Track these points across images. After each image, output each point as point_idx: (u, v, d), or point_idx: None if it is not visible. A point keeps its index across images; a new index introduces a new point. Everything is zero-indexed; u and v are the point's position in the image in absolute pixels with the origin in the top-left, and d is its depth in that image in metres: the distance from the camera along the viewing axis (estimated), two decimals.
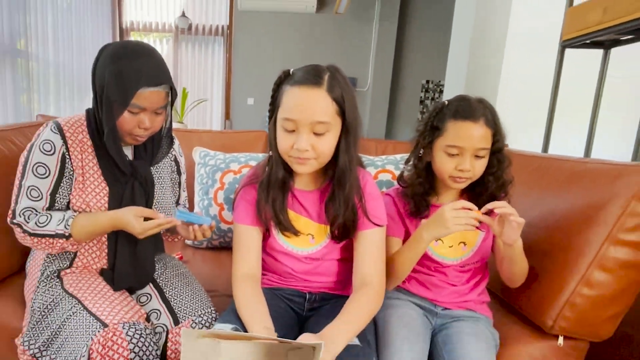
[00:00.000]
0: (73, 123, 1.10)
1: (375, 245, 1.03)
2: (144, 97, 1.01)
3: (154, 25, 5.83)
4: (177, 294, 1.17)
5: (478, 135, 1.01)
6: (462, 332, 1.04)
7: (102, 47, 1.05)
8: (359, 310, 0.95)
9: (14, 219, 1.04)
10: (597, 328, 1.06)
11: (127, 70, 0.98)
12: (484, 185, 1.09)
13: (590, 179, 1.15)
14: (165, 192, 1.23)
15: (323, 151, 0.94)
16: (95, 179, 1.10)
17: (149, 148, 1.18)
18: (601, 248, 1.01)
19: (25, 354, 1.01)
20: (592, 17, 2.01)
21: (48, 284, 1.08)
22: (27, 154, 1.06)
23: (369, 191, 1.05)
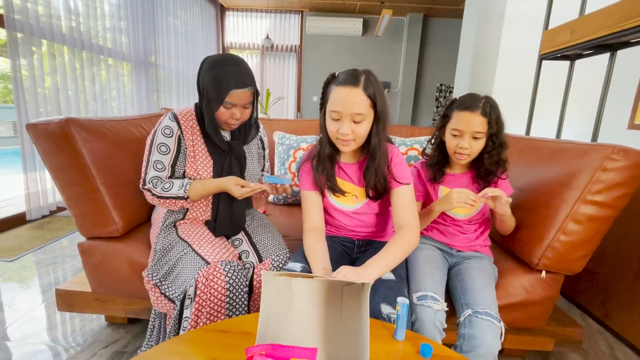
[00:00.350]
0: (185, 113, 1.05)
1: (407, 197, 0.96)
2: (235, 96, 0.95)
3: (247, 44, 5.78)
4: (261, 239, 1.11)
5: (474, 122, 0.97)
6: (469, 267, 1.01)
7: (204, 58, 1.00)
8: (394, 248, 0.88)
9: (144, 186, 1.01)
10: (571, 265, 1.00)
11: (221, 76, 0.93)
12: (482, 161, 1.03)
13: (564, 155, 1.07)
14: (254, 163, 1.16)
15: (360, 134, 0.89)
16: (203, 154, 1.04)
17: (242, 132, 1.11)
18: (574, 206, 0.95)
19: (149, 284, 0.98)
20: (562, 37, 1.94)
21: (167, 231, 1.04)
22: (152, 137, 1.02)
23: (396, 160, 0.98)
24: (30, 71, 2.28)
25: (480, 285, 0.93)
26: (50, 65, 2.45)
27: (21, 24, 2.21)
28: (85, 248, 1.13)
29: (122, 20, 3.22)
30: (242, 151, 1.10)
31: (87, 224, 1.11)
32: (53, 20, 2.44)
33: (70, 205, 1.09)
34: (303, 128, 1.80)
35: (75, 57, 2.66)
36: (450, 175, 1.10)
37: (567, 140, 1.13)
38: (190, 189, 1.00)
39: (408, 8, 5.17)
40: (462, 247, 1.09)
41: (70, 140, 1.03)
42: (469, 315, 0.86)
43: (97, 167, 1.08)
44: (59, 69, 2.51)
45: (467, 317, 0.85)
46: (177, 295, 0.92)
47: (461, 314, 0.88)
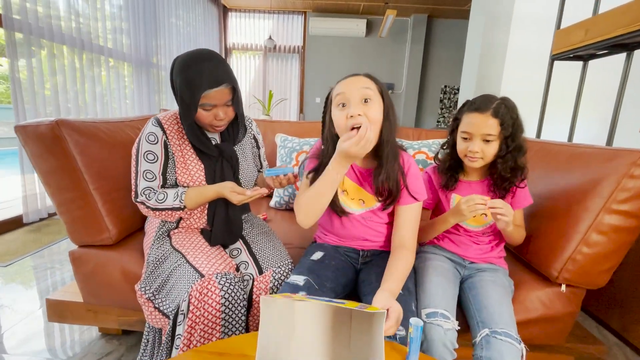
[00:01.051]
0: (169, 117, 0.97)
1: (413, 216, 0.90)
2: (211, 96, 0.86)
3: (249, 45, 5.74)
4: (261, 249, 1.03)
5: (483, 123, 0.90)
6: (483, 280, 0.94)
7: (175, 58, 0.90)
8: (404, 269, 0.83)
9: (137, 198, 0.93)
10: (594, 279, 0.93)
11: (193, 77, 0.84)
12: (495, 167, 0.95)
13: (585, 160, 1.00)
14: (248, 164, 1.09)
15: (372, 116, 0.80)
16: (193, 160, 0.97)
17: (230, 132, 1.02)
18: (598, 215, 0.88)
19: (142, 298, 0.92)
20: (575, 37, 1.86)
21: (160, 241, 0.98)
22: (137, 145, 0.94)
23: (412, 172, 0.92)
24: (29, 72, 2.24)
25: (496, 301, 0.86)
26: (50, 65, 2.41)
27: (20, 23, 2.17)
28: (76, 256, 1.07)
29: (124, 21, 3.18)
30: (234, 153, 1.02)
31: (78, 231, 1.05)
32: (53, 20, 2.40)
33: (61, 211, 1.03)
34: (306, 130, 1.74)
35: (75, 57, 2.62)
36: (465, 183, 1.03)
37: (587, 145, 1.06)
38: (186, 198, 0.93)
39: (412, 9, 5.11)
40: (476, 259, 1.02)
41: (61, 143, 0.98)
42: (486, 336, 0.79)
43: (90, 172, 1.02)
44: (58, 69, 2.47)
45: (484, 338, 0.78)
46: (171, 310, 0.86)
47: (477, 334, 0.81)
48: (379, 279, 0.82)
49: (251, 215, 1.20)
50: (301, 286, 0.83)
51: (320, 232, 1.07)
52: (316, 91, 5.78)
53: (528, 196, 0.99)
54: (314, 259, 0.95)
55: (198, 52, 0.88)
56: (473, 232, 1.02)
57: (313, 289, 0.83)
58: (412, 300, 0.84)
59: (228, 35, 5.68)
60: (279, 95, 5.65)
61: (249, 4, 5.40)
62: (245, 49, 5.72)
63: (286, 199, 1.55)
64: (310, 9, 5.45)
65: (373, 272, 0.90)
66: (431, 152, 1.47)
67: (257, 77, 5.77)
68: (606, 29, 1.64)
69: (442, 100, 5.68)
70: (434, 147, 1.49)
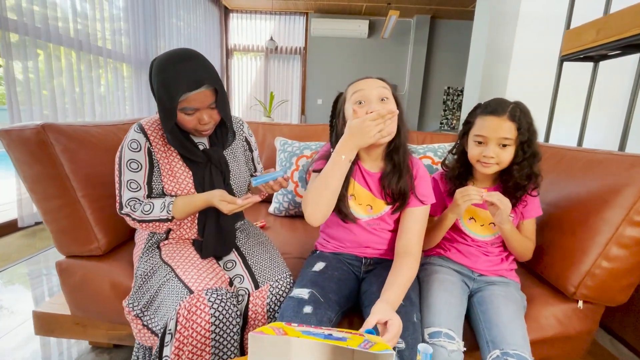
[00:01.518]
0: (153, 122, 0.91)
1: (420, 220, 0.87)
2: (191, 99, 0.79)
3: (250, 46, 5.68)
4: (257, 261, 0.96)
5: (500, 127, 0.85)
6: (494, 294, 0.88)
7: (152, 61, 0.83)
8: (405, 278, 0.79)
9: (122, 210, 0.86)
10: (614, 295, 0.87)
11: (169, 80, 0.78)
12: (511, 173, 0.89)
13: (603, 167, 0.94)
14: (240, 168, 1.02)
15: (390, 109, 0.78)
16: (180, 167, 0.90)
17: (219, 136, 0.96)
18: (619, 227, 0.82)
19: (130, 314, 0.86)
20: (587, 37, 1.79)
21: (149, 254, 0.92)
22: (120, 154, 0.87)
23: (421, 175, 0.90)
24: (25, 73, 2.20)
25: (507, 319, 0.80)
26: (47, 67, 2.36)
27: (15, 24, 2.13)
28: (63, 267, 1.01)
29: (123, 22, 3.14)
30: (222, 158, 0.95)
31: (65, 241, 1.00)
32: (50, 21, 2.36)
33: (47, 220, 0.98)
34: (307, 134, 1.67)
35: (73, 58, 2.57)
36: None
37: (604, 151, 1.00)
38: (174, 208, 0.86)
39: (415, 9, 5.06)
40: (485, 271, 0.96)
41: (47, 148, 0.92)
42: (496, 358, 0.73)
43: (78, 178, 0.97)
44: (55, 70, 2.42)
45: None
46: (159, 328, 0.80)
47: (487, 355, 0.76)
48: (380, 289, 0.78)
49: (247, 223, 1.14)
50: (306, 299, 0.79)
51: (322, 238, 1.03)
52: (318, 93, 5.73)
53: (537, 206, 0.94)
54: (316, 270, 0.90)
55: (175, 52, 0.81)
56: (482, 242, 0.97)
57: (318, 301, 0.79)
58: (414, 312, 0.80)
59: (229, 37, 5.64)
60: (280, 97, 5.60)
61: (250, 4, 5.36)
62: (247, 50, 5.67)
63: (286, 205, 1.49)
64: (312, 10, 5.41)
65: (375, 283, 0.86)
66: (437, 157, 1.41)
67: (259, 78, 5.72)
68: (620, 28, 1.57)
69: (446, 102, 5.62)
70: (440, 151, 1.43)
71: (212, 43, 5.13)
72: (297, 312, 0.76)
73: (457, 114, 5.56)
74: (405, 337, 0.72)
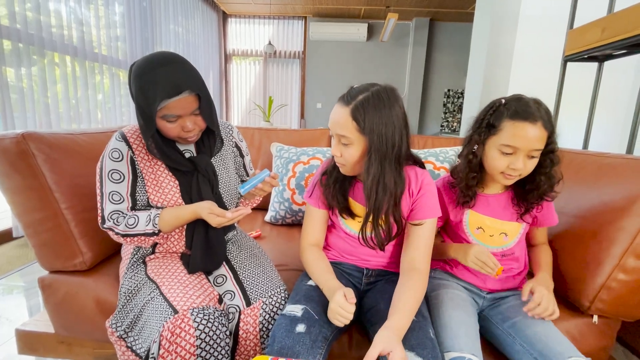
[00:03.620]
0: (135, 130, 0.86)
1: (426, 234, 0.81)
2: (172, 106, 0.74)
3: (249, 51, 5.65)
4: (249, 275, 0.90)
5: (534, 137, 0.74)
6: (513, 307, 0.81)
7: (132, 64, 0.78)
8: (413, 299, 0.73)
9: (104, 224, 0.81)
10: (632, 309, 0.81)
11: (148, 86, 0.72)
12: (535, 183, 0.81)
13: (617, 172, 0.89)
14: (230, 176, 0.96)
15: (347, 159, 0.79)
16: (166, 176, 0.85)
17: (206, 142, 0.91)
18: (636, 237, 0.77)
19: (113, 335, 0.80)
20: (591, 36, 1.74)
21: (134, 269, 0.86)
22: (101, 164, 0.82)
23: (426, 188, 0.82)
24: (18, 80, 2.16)
25: (546, 327, 0.73)
26: (41, 74, 2.33)
27: (8, 30, 2.09)
28: (46, 283, 0.96)
29: (120, 28, 3.11)
30: (210, 166, 0.89)
31: (48, 256, 0.95)
32: (44, 27, 2.32)
33: (29, 234, 0.93)
34: (304, 139, 1.62)
35: (68, 65, 2.54)
36: (483, 197, 0.89)
37: (617, 154, 0.94)
38: (161, 221, 0.81)
39: (414, 12, 5.03)
40: (495, 288, 0.89)
41: (28, 159, 0.87)
42: None
43: (62, 189, 0.92)
44: (50, 77, 2.39)
45: None
46: (143, 350, 0.74)
47: None
48: (388, 306, 0.73)
49: (239, 233, 1.08)
50: (299, 317, 0.73)
51: (323, 248, 0.98)
52: (317, 97, 5.69)
53: (554, 213, 0.87)
54: (311, 284, 0.85)
55: (155, 55, 0.76)
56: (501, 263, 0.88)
57: (312, 319, 0.73)
58: (428, 326, 0.74)
59: (228, 42, 5.61)
60: (279, 102, 5.56)
61: (248, 9, 5.34)
62: (246, 55, 5.65)
63: (282, 213, 1.43)
64: (311, 14, 5.38)
65: (381, 300, 0.81)
66: (438, 162, 1.35)
67: (258, 83, 5.69)
68: (626, 27, 1.52)
69: (446, 104, 5.57)
70: (442, 156, 1.37)
71: (210, 48, 5.10)
72: (289, 331, 0.70)
73: (458, 116, 5.50)
74: (425, 355, 0.66)
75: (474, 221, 0.89)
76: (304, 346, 0.67)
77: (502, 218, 0.87)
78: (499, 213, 0.87)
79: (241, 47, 5.63)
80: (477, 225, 0.89)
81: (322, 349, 0.70)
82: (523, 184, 0.84)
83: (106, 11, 2.92)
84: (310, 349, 0.68)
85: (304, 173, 1.41)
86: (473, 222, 0.89)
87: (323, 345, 0.71)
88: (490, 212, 0.87)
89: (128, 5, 3.15)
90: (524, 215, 0.85)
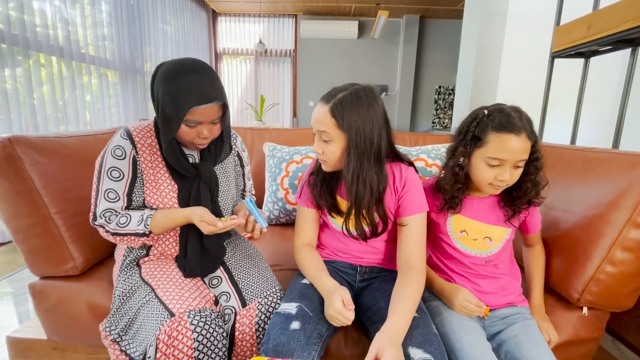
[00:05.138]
0: (142, 129, 0.86)
1: (417, 229, 0.81)
2: (198, 113, 0.76)
3: (239, 50, 5.61)
4: (245, 276, 0.90)
5: (520, 148, 0.74)
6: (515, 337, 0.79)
7: (158, 65, 0.79)
8: (411, 298, 0.73)
9: (95, 221, 0.81)
10: (620, 300, 0.83)
11: (179, 90, 0.74)
12: (522, 190, 0.81)
13: (604, 167, 0.90)
14: (229, 185, 0.97)
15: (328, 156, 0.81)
16: (166, 179, 0.85)
17: (212, 150, 0.92)
18: (622, 230, 0.78)
19: (107, 339, 0.79)
20: (577, 33, 1.77)
21: (128, 272, 0.85)
22: (101, 160, 0.82)
23: (410, 184, 0.83)
24: (2, 81, 2.11)
25: None
26: (26, 75, 2.28)
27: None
28: (37, 290, 0.95)
29: (107, 27, 3.05)
30: (213, 174, 0.90)
31: (38, 262, 0.93)
32: (27, 26, 2.27)
33: (18, 239, 0.91)
34: (296, 138, 1.62)
35: (54, 65, 2.49)
36: (468, 199, 0.87)
37: (604, 149, 0.96)
38: (152, 222, 0.80)
39: (404, 9, 5.04)
40: (495, 305, 0.85)
41: (15, 163, 0.86)
42: None
43: (50, 194, 0.90)
44: (36, 79, 2.34)
45: None
46: (138, 354, 0.73)
47: None
48: (387, 303, 0.74)
49: (234, 234, 1.08)
50: (294, 315, 0.74)
51: (317, 247, 0.99)
52: (309, 95, 5.68)
53: (539, 217, 0.89)
54: (305, 282, 0.86)
55: (187, 61, 0.78)
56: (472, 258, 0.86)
57: (307, 316, 0.74)
58: (431, 323, 0.75)
59: (218, 40, 5.56)
60: (271, 100, 5.54)
61: (238, 8, 5.29)
62: (236, 53, 5.61)
63: (276, 213, 1.43)
64: (301, 12, 5.37)
65: (380, 298, 0.81)
66: (430, 159, 1.37)
67: (249, 82, 5.66)
68: (611, 23, 1.55)
69: (437, 101, 5.61)
70: (433, 153, 1.38)
71: (200, 47, 5.05)
72: (284, 328, 0.71)
73: (449, 112, 5.55)
74: (433, 352, 0.66)
75: (458, 223, 0.87)
76: (299, 342, 0.68)
77: (488, 222, 0.86)
78: (485, 216, 0.86)
79: (231, 46, 5.58)
80: (461, 228, 0.87)
81: (317, 345, 0.71)
82: (509, 191, 0.84)
83: (92, 10, 2.87)
84: (305, 345, 0.68)
85: (297, 172, 1.41)
86: (457, 224, 0.87)
87: (318, 342, 0.72)
88: (475, 215, 0.86)
89: (115, 4, 3.10)
90: (511, 219, 0.85)
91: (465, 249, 0.87)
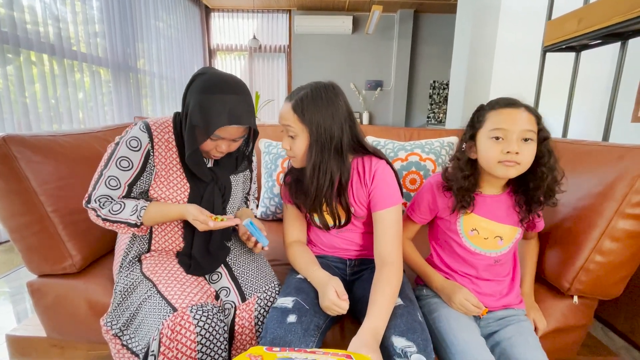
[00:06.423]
0: (161, 124, 0.87)
1: (390, 224, 0.81)
2: (224, 130, 0.78)
3: (233, 46, 5.57)
4: (244, 272, 0.92)
5: (520, 118, 0.72)
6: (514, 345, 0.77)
7: (199, 72, 0.80)
8: (386, 297, 0.73)
9: (88, 203, 0.81)
10: (609, 289, 0.86)
11: (213, 107, 0.75)
12: (538, 176, 0.77)
13: (594, 159, 0.92)
14: (238, 196, 1.00)
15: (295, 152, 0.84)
16: (178, 176, 0.86)
17: (232, 160, 0.94)
18: (611, 221, 0.81)
19: (108, 334, 0.80)
20: (568, 27, 1.80)
21: (129, 267, 0.86)
22: (114, 147, 0.82)
23: (379, 177, 0.84)
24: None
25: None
26: (17, 73, 2.25)
27: None
28: (35, 288, 0.95)
29: (98, 23, 3.01)
30: (228, 181, 0.93)
31: (36, 260, 0.94)
32: (17, 23, 2.24)
33: (15, 238, 0.91)
34: None
35: (46, 63, 2.46)
36: (480, 197, 0.84)
37: (593, 142, 0.99)
38: (145, 214, 0.81)
39: (398, 4, 5.03)
40: (493, 307, 0.85)
41: (10, 162, 0.86)
42: None
43: (47, 192, 0.90)
44: (27, 77, 2.31)
45: None
46: (140, 348, 0.75)
47: None
48: None
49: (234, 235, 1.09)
50: (290, 308, 0.76)
51: (308, 242, 1.01)
52: None
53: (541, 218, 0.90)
54: (300, 276, 0.88)
55: (229, 79, 0.80)
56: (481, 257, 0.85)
57: (303, 309, 0.76)
58: (417, 311, 0.76)
59: (211, 37, 5.51)
60: (266, 97, 5.51)
61: (231, 3, 5.25)
62: (230, 50, 5.57)
63: (273, 208, 1.44)
64: (295, 7, 5.33)
65: (367, 289, 0.81)
66: (424, 153, 1.38)
67: (243, 78, 5.62)
68: (601, 17, 1.57)
69: (432, 95, 5.62)
70: (427, 147, 1.40)
71: (194, 44, 5.00)
72: (281, 322, 0.73)
73: (444, 107, 5.56)
74: (415, 339, 0.67)
75: (469, 222, 0.84)
76: (296, 335, 0.70)
77: (500, 220, 0.83)
78: (497, 215, 0.83)
79: (225, 42, 5.54)
80: (472, 227, 0.85)
81: (314, 337, 0.72)
82: (524, 183, 0.80)
83: (83, 6, 2.83)
84: (303, 337, 0.70)
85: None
86: (468, 222, 0.85)
87: (315, 334, 0.73)
88: (487, 213, 0.83)
89: (106, 0, 3.06)
90: (524, 220, 0.83)
91: (475, 248, 0.85)
